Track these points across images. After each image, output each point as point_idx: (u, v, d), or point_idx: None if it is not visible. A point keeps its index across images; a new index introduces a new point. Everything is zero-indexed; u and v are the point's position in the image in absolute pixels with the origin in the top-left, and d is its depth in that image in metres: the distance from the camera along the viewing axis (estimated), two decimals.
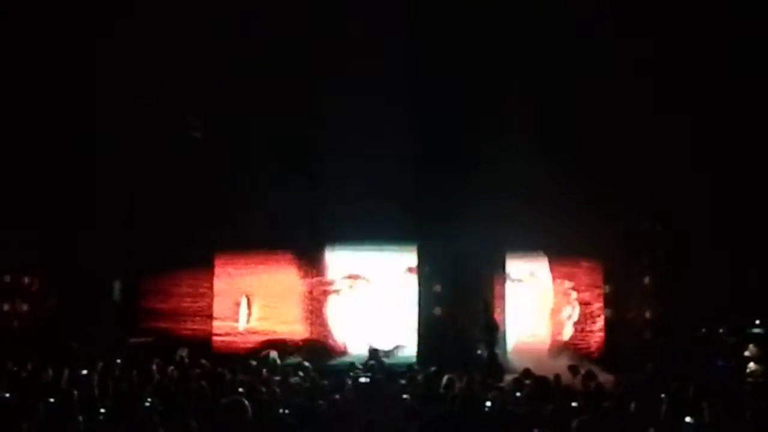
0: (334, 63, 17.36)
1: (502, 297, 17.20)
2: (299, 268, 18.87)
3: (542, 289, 18.47)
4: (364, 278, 18.85)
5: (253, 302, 18.96)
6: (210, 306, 18.82)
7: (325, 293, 18.88)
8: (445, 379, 9.86)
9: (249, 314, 18.99)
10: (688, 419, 7.62)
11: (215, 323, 18.74)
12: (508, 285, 17.59)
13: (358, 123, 17.04)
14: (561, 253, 17.89)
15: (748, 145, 15.46)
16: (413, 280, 17.77)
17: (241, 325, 18.83)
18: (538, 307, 18.44)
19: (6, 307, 17.55)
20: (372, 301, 18.76)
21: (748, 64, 15.09)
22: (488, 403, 8.45)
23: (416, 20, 16.72)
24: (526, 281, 18.37)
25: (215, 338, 18.64)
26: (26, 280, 17.75)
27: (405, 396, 9.50)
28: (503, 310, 16.74)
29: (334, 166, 17.23)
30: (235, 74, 17.84)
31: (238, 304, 18.92)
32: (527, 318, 18.15)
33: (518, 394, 9.45)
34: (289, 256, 18.83)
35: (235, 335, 18.81)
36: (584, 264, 18.11)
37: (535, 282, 18.50)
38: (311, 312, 18.70)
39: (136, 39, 16.81)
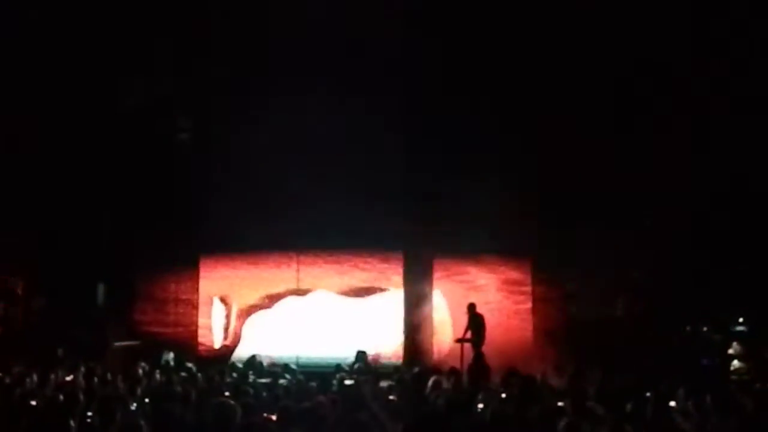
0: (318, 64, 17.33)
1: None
2: (285, 271, 18.87)
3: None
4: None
5: (232, 306, 18.94)
6: (195, 309, 18.78)
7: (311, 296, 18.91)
8: (431, 379, 9.87)
9: (227, 318, 18.99)
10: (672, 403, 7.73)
11: (200, 326, 18.70)
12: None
13: (345, 128, 17.06)
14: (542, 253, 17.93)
15: (734, 144, 15.53)
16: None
17: (218, 328, 18.83)
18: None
19: None
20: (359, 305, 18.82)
21: (728, 66, 15.19)
22: (475, 404, 8.47)
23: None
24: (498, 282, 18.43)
25: (201, 341, 18.60)
26: (11, 283, 17.64)
27: (391, 397, 9.50)
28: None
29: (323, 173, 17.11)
30: (223, 77, 17.87)
31: (220, 308, 18.96)
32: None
33: (504, 395, 9.46)
34: (273, 259, 18.81)
35: (220, 338, 18.83)
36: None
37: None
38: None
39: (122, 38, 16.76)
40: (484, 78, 16.60)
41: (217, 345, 18.71)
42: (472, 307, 16.23)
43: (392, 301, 18.23)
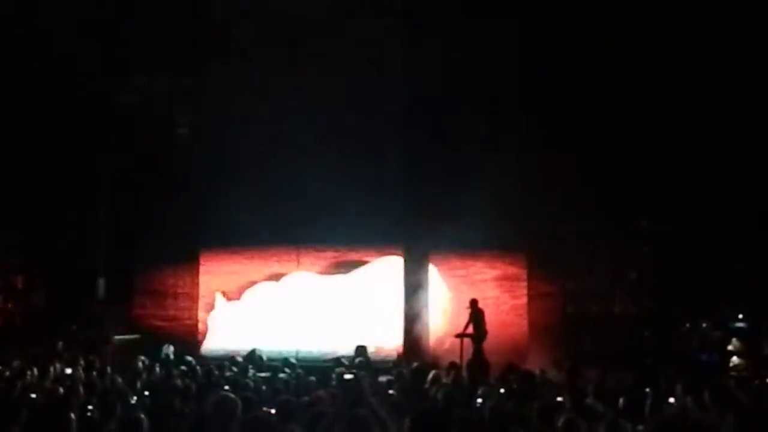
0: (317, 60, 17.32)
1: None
2: (285, 266, 18.88)
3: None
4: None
5: (232, 299, 18.93)
6: (195, 303, 18.79)
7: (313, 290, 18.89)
8: (431, 374, 9.88)
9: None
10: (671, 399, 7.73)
11: (200, 320, 18.72)
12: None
13: (346, 124, 17.10)
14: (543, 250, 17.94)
15: (733, 141, 15.52)
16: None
17: (221, 322, 18.83)
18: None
19: None
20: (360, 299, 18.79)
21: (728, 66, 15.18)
22: (474, 399, 8.48)
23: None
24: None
25: (201, 335, 18.61)
26: (12, 278, 17.64)
27: (391, 392, 9.50)
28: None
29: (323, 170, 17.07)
30: (222, 72, 17.87)
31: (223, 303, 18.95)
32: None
33: (502, 390, 9.47)
34: (274, 253, 18.82)
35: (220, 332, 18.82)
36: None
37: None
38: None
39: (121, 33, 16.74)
40: (484, 77, 16.62)
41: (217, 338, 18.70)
42: (474, 303, 16.26)
43: (388, 284, 18.23)
